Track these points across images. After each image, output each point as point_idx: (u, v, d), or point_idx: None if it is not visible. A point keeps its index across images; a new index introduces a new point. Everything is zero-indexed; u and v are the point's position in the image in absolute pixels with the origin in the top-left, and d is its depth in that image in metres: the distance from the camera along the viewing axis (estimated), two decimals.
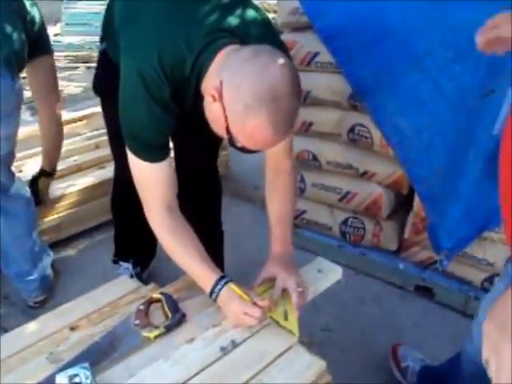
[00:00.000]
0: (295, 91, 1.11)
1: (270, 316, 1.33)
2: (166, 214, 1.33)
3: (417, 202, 2.08)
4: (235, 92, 1.09)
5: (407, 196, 2.18)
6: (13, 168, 2.04)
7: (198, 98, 1.25)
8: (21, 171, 2.50)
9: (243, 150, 1.17)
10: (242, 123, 1.10)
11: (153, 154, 1.29)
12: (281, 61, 1.11)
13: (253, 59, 1.10)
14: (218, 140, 1.81)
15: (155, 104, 1.22)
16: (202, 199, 1.88)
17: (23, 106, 4.12)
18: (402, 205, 2.25)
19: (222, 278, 1.31)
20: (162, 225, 1.34)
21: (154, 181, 1.31)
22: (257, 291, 1.38)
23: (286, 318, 1.32)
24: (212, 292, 1.31)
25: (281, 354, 1.24)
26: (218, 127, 1.19)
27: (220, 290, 1.30)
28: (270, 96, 1.06)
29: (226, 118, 1.12)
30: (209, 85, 1.18)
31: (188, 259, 1.34)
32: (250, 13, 1.32)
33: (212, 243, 1.97)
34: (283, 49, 1.32)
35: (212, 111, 1.17)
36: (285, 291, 1.36)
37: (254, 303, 1.28)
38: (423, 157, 1.87)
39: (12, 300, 2.14)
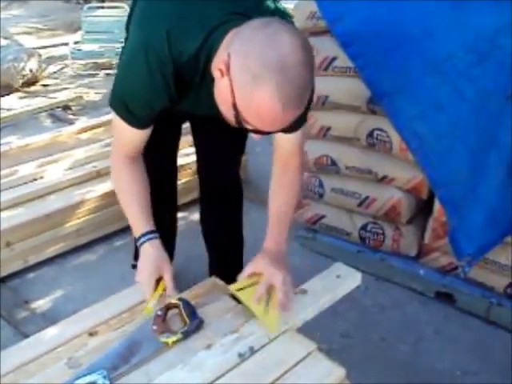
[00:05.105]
0: (307, 61, 1.04)
1: (250, 308, 1.31)
2: (128, 160, 1.40)
3: (437, 206, 2.06)
4: (242, 62, 1.03)
5: (427, 201, 2.16)
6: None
7: (208, 80, 1.20)
8: (41, 177, 2.53)
9: (253, 131, 1.12)
10: (250, 95, 1.03)
11: (134, 121, 1.31)
12: (291, 30, 1.05)
13: (262, 28, 1.04)
14: (241, 147, 1.81)
15: (153, 78, 1.20)
16: (225, 205, 1.88)
17: (44, 114, 4.20)
18: (422, 209, 2.22)
19: (149, 232, 1.38)
20: (120, 165, 1.42)
21: (126, 138, 1.37)
22: (243, 284, 1.37)
23: (266, 313, 1.30)
24: (137, 240, 1.38)
25: (300, 361, 1.22)
26: (225, 106, 1.12)
27: (143, 243, 1.37)
28: (280, 65, 0.99)
29: (232, 91, 1.05)
30: (218, 60, 1.13)
31: (129, 203, 1.41)
32: (268, 1, 1.29)
33: (233, 249, 1.98)
34: None
35: (220, 88, 1.11)
36: (271, 288, 1.34)
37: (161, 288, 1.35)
38: (444, 161, 1.85)
39: (32, 305, 2.16)
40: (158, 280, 1.37)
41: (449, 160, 1.84)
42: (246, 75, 1.02)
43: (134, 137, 1.36)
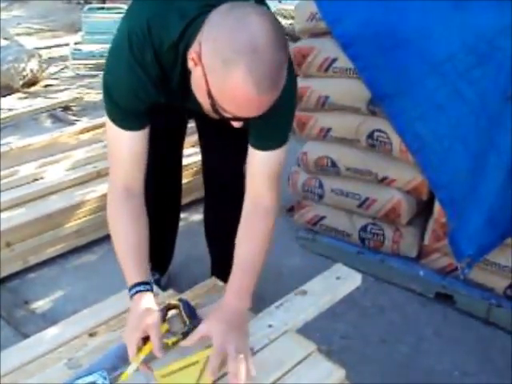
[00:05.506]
0: (278, 42, 1.02)
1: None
2: (128, 195, 1.32)
3: (437, 208, 2.06)
4: (212, 47, 1.02)
5: (427, 202, 2.16)
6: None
7: (188, 72, 1.17)
8: (42, 178, 2.53)
9: (232, 119, 1.10)
10: (223, 80, 1.01)
11: (125, 119, 1.27)
12: (260, 11, 1.03)
13: (229, 12, 1.02)
14: (246, 146, 1.81)
15: (135, 63, 1.19)
16: (228, 204, 1.88)
17: (44, 114, 4.20)
18: (422, 211, 2.22)
19: (141, 283, 1.26)
20: (118, 204, 1.33)
21: (121, 153, 1.30)
22: (172, 368, 1.17)
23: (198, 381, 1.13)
24: (129, 289, 1.28)
25: (300, 362, 1.23)
26: (201, 95, 1.11)
27: (133, 295, 1.26)
28: (250, 47, 0.98)
29: (206, 79, 1.04)
30: (191, 51, 1.12)
31: (124, 253, 1.31)
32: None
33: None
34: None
35: (195, 79, 1.09)
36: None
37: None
38: (444, 163, 1.85)
39: (32, 305, 2.16)
40: (147, 338, 1.19)
41: (449, 161, 1.85)
42: (217, 60, 1.00)
43: (129, 145, 1.29)
